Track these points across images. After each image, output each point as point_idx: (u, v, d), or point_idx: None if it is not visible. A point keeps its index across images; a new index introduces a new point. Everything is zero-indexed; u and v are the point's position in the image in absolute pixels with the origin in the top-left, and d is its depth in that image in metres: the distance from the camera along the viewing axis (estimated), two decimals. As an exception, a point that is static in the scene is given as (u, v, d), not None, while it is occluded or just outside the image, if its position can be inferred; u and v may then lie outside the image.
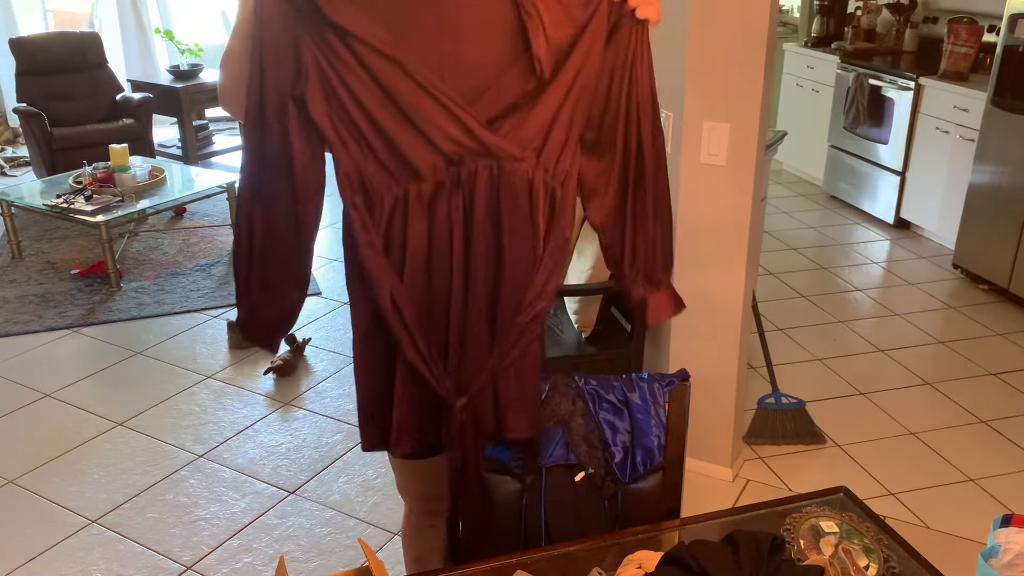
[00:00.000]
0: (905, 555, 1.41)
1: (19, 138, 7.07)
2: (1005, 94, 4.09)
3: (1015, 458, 2.98)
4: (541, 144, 1.34)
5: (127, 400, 3.41)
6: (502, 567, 1.41)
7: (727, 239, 2.63)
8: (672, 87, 2.62)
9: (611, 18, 1.35)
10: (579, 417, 1.58)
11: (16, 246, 4.77)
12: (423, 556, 2.01)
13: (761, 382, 3.32)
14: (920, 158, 4.90)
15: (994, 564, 1.32)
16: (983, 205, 4.27)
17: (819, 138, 5.76)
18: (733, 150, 2.53)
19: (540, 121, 1.33)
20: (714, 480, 2.88)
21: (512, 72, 1.32)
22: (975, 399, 3.33)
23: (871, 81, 5.16)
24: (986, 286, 4.30)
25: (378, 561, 1.36)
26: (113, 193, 4.58)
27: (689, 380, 1.60)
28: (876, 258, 4.79)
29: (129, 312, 4.14)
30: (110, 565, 2.53)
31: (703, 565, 1.23)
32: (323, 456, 3.04)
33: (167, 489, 2.87)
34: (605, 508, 1.61)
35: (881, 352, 3.71)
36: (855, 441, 3.08)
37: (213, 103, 6.69)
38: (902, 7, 5.59)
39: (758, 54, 2.43)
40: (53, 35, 6.07)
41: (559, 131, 1.35)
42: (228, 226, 5.14)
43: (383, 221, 1.34)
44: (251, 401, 3.40)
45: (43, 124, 5.50)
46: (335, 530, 2.67)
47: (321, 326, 4.01)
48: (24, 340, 3.88)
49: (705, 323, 2.75)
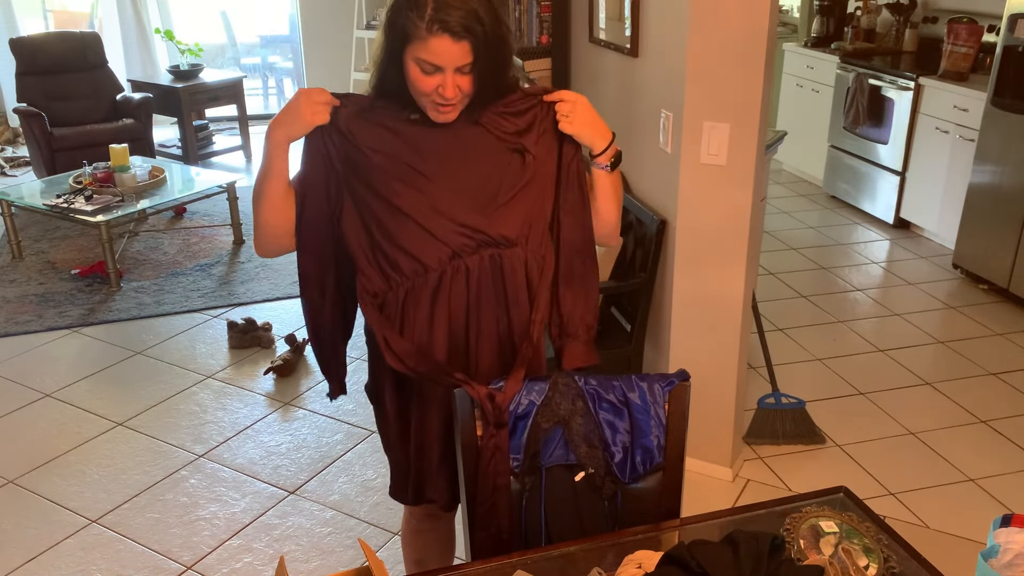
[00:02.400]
0: (905, 555, 1.41)
1: (19, 138, 7.07)
2: (1005, 94, 4.09)
3: (1015, 458, 2.98)
4: (528, 231, 1.62)
5: (127, 400, 3.41)
6: (502, 567, 1.42)
7: (727, 239, 2.63)
8: (672, 87, 2.62)
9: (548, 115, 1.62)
10: (579, 417, 1.58)
11: (16, 246, 4.77)
12: (423, 557, 2.02)
13: (761, 382, 3.32)
14: (920, 158, 4.90)
15: (994, 564, 1.32)
16: (983, 205, 4.27)
17: (819, 138, 5.76)
18: (733, 150, 2.53)
19: (526, 207, 1.61)
20: (714, 480, 2.88)
21: (510, 169, 1.60)
22: (975, 399, 3.33)
23: (871, 81, 5.16)
24: (986, 286, 4.30)
25: (378, 561, 1.36)
26: (113, 193, 4.58)
27: (689, 380, 1.60)
28: (876, 258, 4.79)
29: (129, 312, 4.14)
30: (110, 565, 2.53)
31: (703, 565, 1.23)
32: (323, 456, 3.04)
33: (167, 489, 2.87)
34: (605, 508, 1.61)
35: (881, 352, 3.71)
36: (855, 441, 3.08)
37: (213, 103, 6.69)
38: (902, 7, 5.59)
39: (758, 54, 2.43)
40: (53, 35, 6.07)
41: (538, 215, 1.63)
42: (228, 226, 5.14)
43: (397, 313, 1.63)
44: (251, 401, 3.40)
45: (43, 124, 5.50)
46: (335, 530, 2.67)
47: (321, 326, 4.01)
48: (24, 340, 3.88)
49: (705, 323, 2.75)
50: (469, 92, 1.51)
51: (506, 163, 1.60)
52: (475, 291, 1.61)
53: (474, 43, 1.44)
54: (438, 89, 1.48)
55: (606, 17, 3.20)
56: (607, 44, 3.18)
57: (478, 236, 1.58)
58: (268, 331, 3.84)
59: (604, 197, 1.70)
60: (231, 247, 4.96)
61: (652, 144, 2.81)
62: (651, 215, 2.81)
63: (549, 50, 3.62)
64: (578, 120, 1.60)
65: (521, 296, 1.64)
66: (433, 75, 1.47)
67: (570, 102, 1.59)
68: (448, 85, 1.47)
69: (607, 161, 1.65)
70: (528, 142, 1.60)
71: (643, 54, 2.87)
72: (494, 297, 1.63)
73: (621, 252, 2.96)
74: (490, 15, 1.46)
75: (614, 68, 3.15)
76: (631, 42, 2.92)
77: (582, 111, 1.60)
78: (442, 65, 1.46)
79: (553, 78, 3.64)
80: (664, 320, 2.85)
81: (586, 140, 1.63)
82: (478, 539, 1.61)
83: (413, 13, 1.44)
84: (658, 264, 2.83)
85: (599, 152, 1.64)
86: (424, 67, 1.47)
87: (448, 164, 1.58)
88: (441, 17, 1.42)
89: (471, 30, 1.43)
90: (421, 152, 1.57)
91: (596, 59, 3.35)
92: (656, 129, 2.77)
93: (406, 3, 1.45)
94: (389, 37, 1.49)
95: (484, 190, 1.58)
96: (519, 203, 1.60)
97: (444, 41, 1.43)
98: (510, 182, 1.60)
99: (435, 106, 1.52)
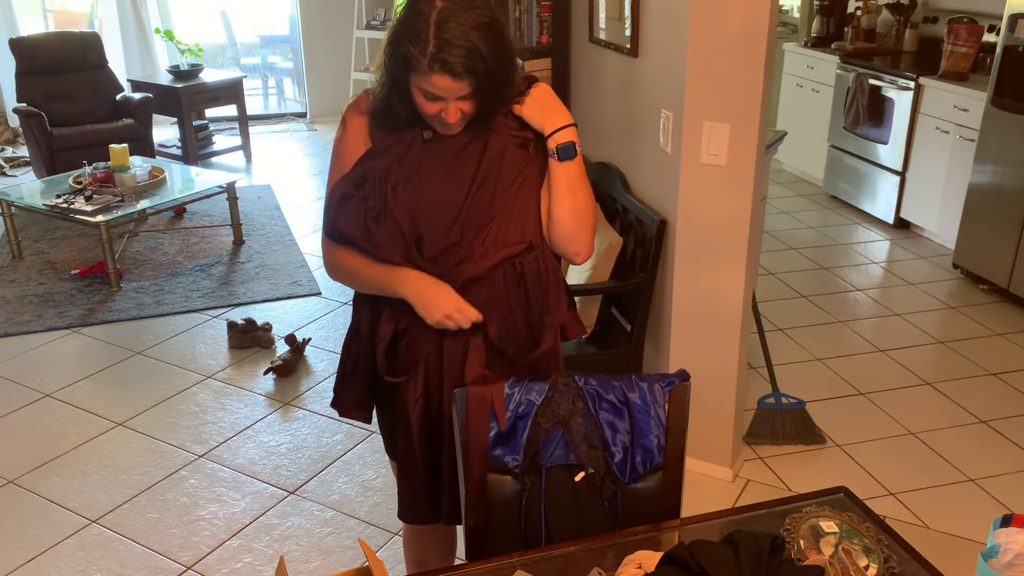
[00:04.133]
0: (905, 555, 1.41)
1: (19, 138, 7.07)
2: (1005, 94, 4.09)
3: (1015, 458, 2.98)
4: (539, 239, 1.65)
5: (127, 400, 3.41)
6: (502, 567, 1.42)
7: (727, 239, 2.63)
8: (672, 87, 2.62)
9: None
10: (579, 417, 1.58)
11: (16, 246, 4.77)
12: (423, 557, 2.02)
13: (761, 382, 3.32)
14: (920, 158, 4.90)
15: (994, 564, 1.32)
16: (983, 205, 4.27)
17: (819, 138, 5.76)
18: (733, 150, 2.53)
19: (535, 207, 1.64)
20: (714, 480, 2.88)
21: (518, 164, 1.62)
22: (975, 399, 3.33)
23: (871, 81, 5.16)
24: (986, 286, 4.30)
25: (378, 561, 1.36)
26: (113, 193, 4.58)
27: (689, 380, 1.60)
28: (876, 258, 4.79)
29: (129, 312, 4.14)
30: (110, 565, 2.53)
31: (703, 565, 1.23)
32: (323, 456, 3.04)
33: (167, 489, 2.87)
34: (605, 508, 1.61)
35: (881, 352, 3.71)
36: (855, 441, 3.08)
37: (213, 103, 6.69)
38: (902, 7, 5.59)
39: (758, 54, 2.43)
40: (53, 35, 6.07)
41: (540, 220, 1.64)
42: (228, 226, 5.14)
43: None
44: (251, 401, 3.40)
45: (43, 124, 5.50)
46: (335, 530, 2.67)
47: (321, 326, 4.01)
48: (24, 340, 3.88)
49: (705, 323, 2.75)
50: (472, 113, 1.53)
51: (516, 159, 1.62)
52: (502, 298, 1.64)
53: (475, 81, 1.45)
54: (440, 113, 1.50)
55: (606, 17, 3.20)
56: (607, 44, 3.18)
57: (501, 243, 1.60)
58: (268, 331, 3.84)
59: (557, 195, 1.61)
60: (231, 247, 4.95)
61: (652, 144, 2.81)
62: (651, 215, 2.81)
63: (549, 50, 3.62)
64: (529, 102, 1.57)
65: (539, 299, 1.67)
66: (435, 102, 1.49)
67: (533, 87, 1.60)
68: (451, 112, 1.49)
69: (553, 146, 1.58)
70: (531, 134, 1.61)
71: (643, 54, 2.87)
72: (517, 302, 1.66)
73: (621, 252, 2.96)
74: (492, 48, 1.44)
75: (614, 68, 3.15)
76: (631, 42, 2.92)
77: (538, 95, 1.58)
78: (444, 95, 1.47)
79: (553, 78, 3.63)
80: (664, 320, 2.85)
81: (535, 122, 1.58)
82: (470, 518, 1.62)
83: (415, 48, 1.42)
84: (658, 264, 2.83)
85: (548, 134, 1.58)
86: (426, 95, 1.48)
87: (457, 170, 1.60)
88: (442, 57, 1.41)
89: (472, 70, 1.43)
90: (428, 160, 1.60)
91: (596, 59, 3.35)
92: (656, 129, 2.77)
93: (407, 35, 1.43)
94: (391, 64, 1.49)
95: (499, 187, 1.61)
96: (530, 201, 1.63)
97: (445, 79, 1.43)
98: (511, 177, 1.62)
99: (440, 124, 1.55)
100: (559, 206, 1.62)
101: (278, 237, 5.12)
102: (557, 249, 1.67)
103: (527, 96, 1.58)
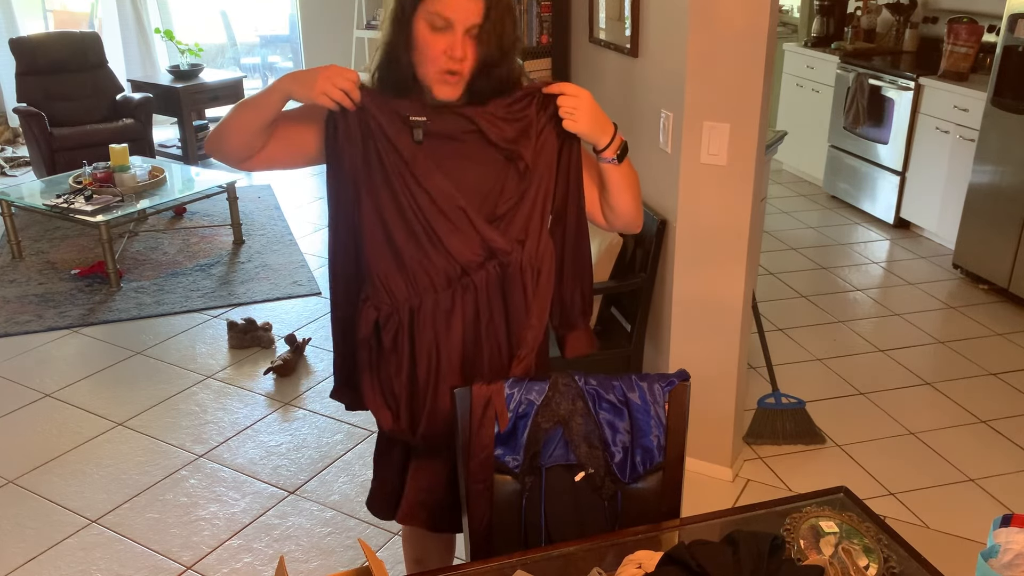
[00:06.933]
0: (905, 555, 1.41)
1: (19, 138, 7.07)
2: (1005, 94, 4.09)
3: (1015, 458, 2.98)
4: (524, 236, 1.60)
5: (127, 400, 3.41)
6: (502, 567, 1.42)
7: (727, 239, 2.63)
8: (672, 87, 2.62)
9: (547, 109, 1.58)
10: (579, 417, 1.58)
11: (16, 246, 4.77)
12: (423, 557, 2.02)
13: (761, 382, 3.32)
14: (920, 158, 4.90)
15: (994, 564, 1.32)
16: (983, 205, 4.27)
17: (819, 138, 5.76)
18: (733, 150, 2.53)
19: (524, 214, 1.59)
20: (714, 480, 2.88)
21: (509, 178, 1.58)
22: (975, 399, 3.33)
23: (871, 81, 5.16)
24: (986, 286, 4.30)
25: (378, 561, 1.36)
26: (113, 193, 4.58)
27: (689, 380, 1.60)
28: (876, 258, 4.79)
29: (129, 312, 4.14)
30: (110, 565, 2.53)
31: (703, 565, 1.23)
32: (323, 456, 3.04)
33: (167, 489, 2.87)
34: (605, 508, 1.61)
35: (881, 352, 3.71)
36: (855, 441, 3.08)
37: (213, 103, 6.69)
38: (902, 7, 5.58)
39: (758, 54, 2.43)
40: (53, 35, 6.06)
41: (535, 220, 1.60)
42: (228, 226, 5.14)
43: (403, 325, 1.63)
44: (251, 401, 3.40)
45: (43, 124, 5.50)
46: (335, 530, 2.67)
47: (321, 326, 4.01)
48: (24, 340, 3.88)
49: (705, 323, 2.75)
50: (474, 63, 1.51)
51: (505, 173, 1.58)
52: (485, 305, 1.62)
53: (487, 6, 1.47)
54: (447, 52, 1.48)
55: (606, 17, 3.20)
56: (607, 44, 3.18)
57: (484, 250, 1.58)
58: (268, 331, 3.84)
59: (617, 191, 1.65)
60: (231, 247, 4.95)
61: (652, 144, 2.81)
62: (651, 215, 2.81)
63: (549, 50, 3.62)
64: (583, 119, 1.55)
65: (520, 303, 1.64)
66: (444, 32, 1.47)
67: (572, 96, 1.54)
68: (457, 44, 1.47)
69: (613, 155, 1.60)
70: (525, 149, 1.56)
71: (643, 54, 2.87)
72: (497, 308, 1.64)
73: (621, 252, 2.96)
74: None
75: (614, 68, 3.15)
76: (631, 42, 2.92)
77: (586, 107, 1.55)
78: (454, 19, 1.46)
79: (553, 78, 3.63)
80: (664, 320, 2.85)
81: (591, 138, 1.58)
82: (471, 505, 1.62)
83: None
84: (658, 264, 2.83)
85: (603, 147, 1.60)
86: (435, 22, 1.47)
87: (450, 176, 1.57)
88: None
89: None
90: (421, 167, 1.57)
91: (596, 59, 3.35)
92: (656, 129, 2.77)
93: None
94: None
95: (486, 202, 1.58)
96: (519, 212, 1.59)
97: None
98: (509, 191, 1.58)
99: (442, 76, 1.50)
100: (621, 199, 1.66)
101: (278, 237, 5.12)
102: (617, 228, 1.74)
103: (579, 111, 1.54)
